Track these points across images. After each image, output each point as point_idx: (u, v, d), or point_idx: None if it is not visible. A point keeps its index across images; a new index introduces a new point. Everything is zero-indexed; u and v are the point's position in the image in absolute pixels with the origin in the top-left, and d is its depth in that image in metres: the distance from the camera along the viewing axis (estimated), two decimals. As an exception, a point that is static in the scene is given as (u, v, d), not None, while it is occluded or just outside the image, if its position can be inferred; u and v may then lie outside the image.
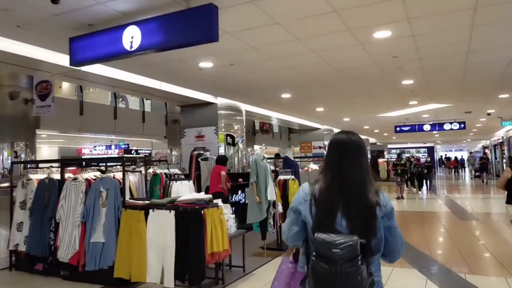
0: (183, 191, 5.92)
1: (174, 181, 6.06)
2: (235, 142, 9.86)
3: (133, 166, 5.47)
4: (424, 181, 16.47)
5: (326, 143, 16.20)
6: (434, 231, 8.10)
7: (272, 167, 8.03)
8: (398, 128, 16.09)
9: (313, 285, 1.60)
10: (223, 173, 7.03)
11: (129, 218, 4.55)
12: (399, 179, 13.40)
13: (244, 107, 10.24)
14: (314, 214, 1.67)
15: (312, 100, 9.71)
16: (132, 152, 22.77)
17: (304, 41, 5.07)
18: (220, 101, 9.49)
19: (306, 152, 17.34)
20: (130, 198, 4.89)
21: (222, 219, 4.50)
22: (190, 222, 4.20)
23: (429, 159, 18.11)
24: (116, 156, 17.78)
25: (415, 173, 15.46)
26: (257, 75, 6.91)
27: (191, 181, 5.96)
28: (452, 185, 21.45)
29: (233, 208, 7.89)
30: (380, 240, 1.65)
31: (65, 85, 11.74)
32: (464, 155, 43.77)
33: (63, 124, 10.69)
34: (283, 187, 6.42)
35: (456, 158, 34.37)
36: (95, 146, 22.97)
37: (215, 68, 6.20)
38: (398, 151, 25.81)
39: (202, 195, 4.52)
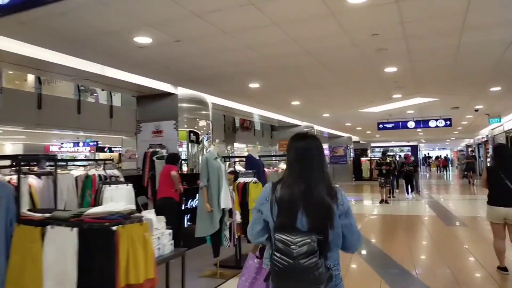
0: (118, 197, 4.77)
1: (108, 185, 4.90)
2: (200, 139, 8.72)
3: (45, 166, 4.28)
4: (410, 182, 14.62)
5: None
6: (420, 240, 7.15)
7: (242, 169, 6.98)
8: (381, 125, 15.19)
9: (275, 280, 1.72)
10: (173, 173, 5.91)
11: (22, 236, 3.37)
12: (382, 180, 11.91)
13: (211, 99, 9.11)
14: (276, 214, 1.79)
15: (285, 91, 8.66)
16: (105, 150, 21.44)
17: (261, 7, 3.99)
18: (181, 91, 8.34)
19: (285, 150, 16.33)
20: (29, 210, 3.73)
21: (147, 238, 3.36)
22: (96, 243, 3.07)
23: (413, 158, 16.55)
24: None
25: (404, 173, 13.67)
26: (212, 57, 5.80)
27: (130, 185, 4.81)
28: (442, 186, 20.79)
29: (188, 215, 6.84)
30: (337, 236, 1.77)
31: (31, 78, 10.53)
32: (448, 154, 43.68)
33: (18, 119, 9.44)
34: (243, 192, 5.34)
35: (446, 157, 33.95)
36: (62, 143, 21.55)
37: (157, 45, 5.05)
38: (382, 149, 25.13)
39: (120, 206, 3.39)
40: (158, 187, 6.14)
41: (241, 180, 5.49)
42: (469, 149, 22.84)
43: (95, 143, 20.80)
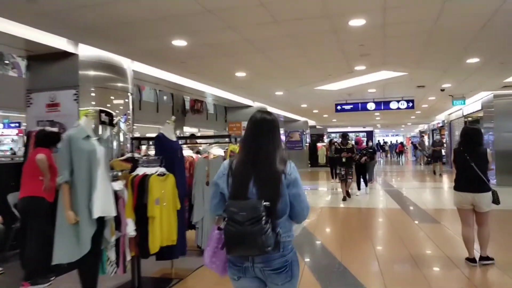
0: None
1: None
2: (114, 121, 6.68)
3: None
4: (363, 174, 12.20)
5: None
6: (387, 243, 5.71)
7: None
8: (339, 107, 13.81)
9: (226, 243, 1.82)
10: (40, 157, 3.96)
11: None
12: (343, 171, 9.23)
13: (131, 65, 7.08)
14: (230, 185, 1.91)
15: (224, 55, 6.80)
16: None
17: None
18: (85, 51, 6.24)
19: (236, 133, 14.55)
20: None
21: None
22: None
23: (370, 144, 14.12)
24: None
25: (356, 162, 10.07)
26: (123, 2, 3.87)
27: None
28: (405, 175, 20.00)
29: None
30: (285, 205, 1.88)
31: None
32: (401, 140, 43.98)
33: None
34: (140, 189, 3.50)
35: (402, 143, 33.72)
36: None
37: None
38: (340, 134, 24.11)
39: None
40: (21, 180, 4.14)
41: (141, 171, 3.65)
42: (435, 135, 19.17)
43: (18, 124, 17.90)
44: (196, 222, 5.11)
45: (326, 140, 26.23)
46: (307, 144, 23.85)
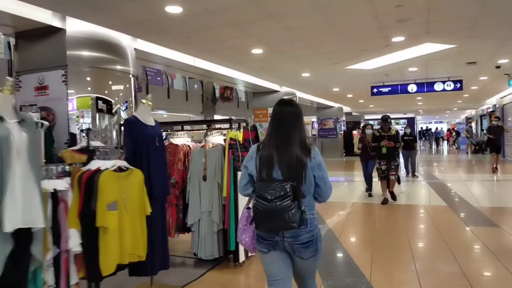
0: None
1: None
2: (113, 109, 5.90)
3: None
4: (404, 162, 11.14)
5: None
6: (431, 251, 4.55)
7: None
8: (375, 90, 12.42)
9: (256, 220, 2.08)
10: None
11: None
12: (383, 166, 7.21)
13: (132, 43, 6.25)
14: (258, 167, 2.13)
15: (230, 24, 5.72)
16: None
17: None
18: (74, 26, 5.46)
19: (262, 121, 13.56)
20: None
21: None
22: None
23: (409, 131, 11.43)
24: None
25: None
26: None
27: None
28: (450, 165, 18.30)
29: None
30: (310, 184, 2.10)
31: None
32: (444, 127, 41.11)
33: None
34: (87, 190, 2.61)
35: (449, 129, 31.24)
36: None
37: None
38: (376, 122, 22.42)
39: None
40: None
41: (94, 165, 2.75)
42: (492, 121, 14.04)
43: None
44: (191, 224, 4.22)
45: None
46: (342, 132, 22.42)
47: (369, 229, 5.87)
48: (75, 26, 5.46)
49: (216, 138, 4.32)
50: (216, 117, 24.76)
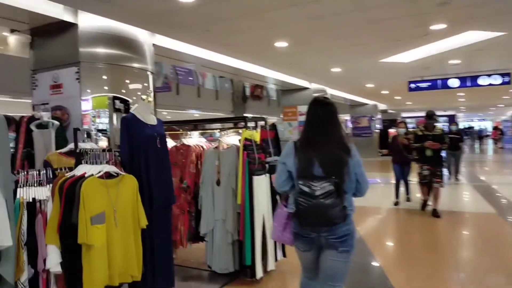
0: None
1: None
2: (131, 108, 5.61)
3: None
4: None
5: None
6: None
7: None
8: (413, 85, 11.57)
9: (299, 217, 2.15)
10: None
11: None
12: (426, 171, 6.17)
13: (150, 39, 5.96)
14: (297, 165, 2.18)
15: (248, 13, 5.26)
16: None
17: None
18: (87, 21, 5.22)
19: (291, 119, 13.03)
20: None
21: None
22: None
23: (456, 128, 10.60)
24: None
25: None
26: None
27: None
28: (498, 167, 17.00)
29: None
30: (351, 182, 2.16)
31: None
32: (488, 125, 38.72)
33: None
34: (67, 199, 2.23)
35: (496, 127, 29.24)
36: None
37: None
38: (414, 120, 21.27)
39: None
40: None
41: (80, 170, 2.39)
42: None
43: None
44: (204, 233, 3.82)
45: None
46: (377, 130, 21.44)
47: (407, 240, 5.25)
48: (87, 21, 5.19)
49: (231, 139, 3.89)
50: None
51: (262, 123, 4.01)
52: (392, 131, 21.64)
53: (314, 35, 6.35)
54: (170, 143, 4.18)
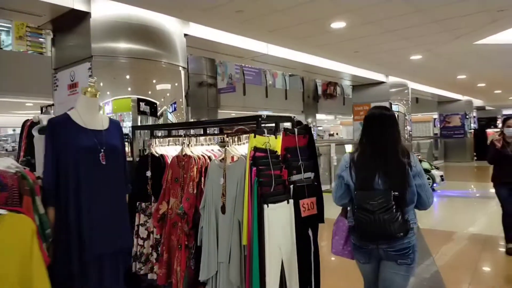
0: None
1: None
2: (158, 111, 4.77)
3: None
4: None
5: (396, 107, 10.11)
6: None
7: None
8: (520, 74, 9.28)
9: (358, 232, 2.12)
10: None
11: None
12: None
13: (181, 28, 5.11)
14: (355, 177, 2.15)
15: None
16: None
17: None
18: (103, 8, 4.51)
19: (362, 119, 11.39)
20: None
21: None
22: None
23: None
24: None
25: None
26: None
27: None
28: None
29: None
30: (413, 194, 2.08)
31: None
32: None
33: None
34: None
35: None
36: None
37: None
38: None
39: None
40: None
41: None
42: None
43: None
44: (205, 279, 2.74)
45: (499, 124, 20.01)
46: (471, 131, 18.48)
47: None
48: (102, 9, 4.48)
49: (243, 148, 2.75)
50: (320, 116, 22.95)
51: (288, 124, 2.81)
52: (491, 131, 18.56)
53: (381, 10, 4.90)
54: (171, 152, 3.21)
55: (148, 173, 3.32)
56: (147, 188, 3.33)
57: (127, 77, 4.60)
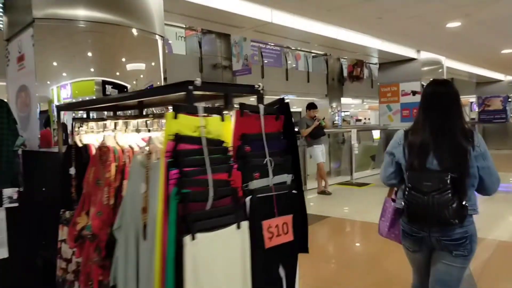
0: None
1: None
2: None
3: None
4: None
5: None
6: None
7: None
8: None
9: (409, 214, 1.93)
10: None
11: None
12: None
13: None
14: (407, 156, 1.97)
15: None
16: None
17: None
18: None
19: (390, 101, 10.14)
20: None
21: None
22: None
23: None
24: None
25: None
26: None
27: None
28: None
29: None
30: (473, 177, 1.90)
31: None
32: None
33: None
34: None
35: None
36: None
37: None
38: None
39: None
40: None
41: None
42: None
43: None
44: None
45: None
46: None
47: None
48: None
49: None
50: (346, 100, 21.57)
51: (253, 99, 1.79)
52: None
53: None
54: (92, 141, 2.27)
55: (72, 171, 2.40)
56: (71, 191, 2.41)
57: (89, 54, 3.66)
